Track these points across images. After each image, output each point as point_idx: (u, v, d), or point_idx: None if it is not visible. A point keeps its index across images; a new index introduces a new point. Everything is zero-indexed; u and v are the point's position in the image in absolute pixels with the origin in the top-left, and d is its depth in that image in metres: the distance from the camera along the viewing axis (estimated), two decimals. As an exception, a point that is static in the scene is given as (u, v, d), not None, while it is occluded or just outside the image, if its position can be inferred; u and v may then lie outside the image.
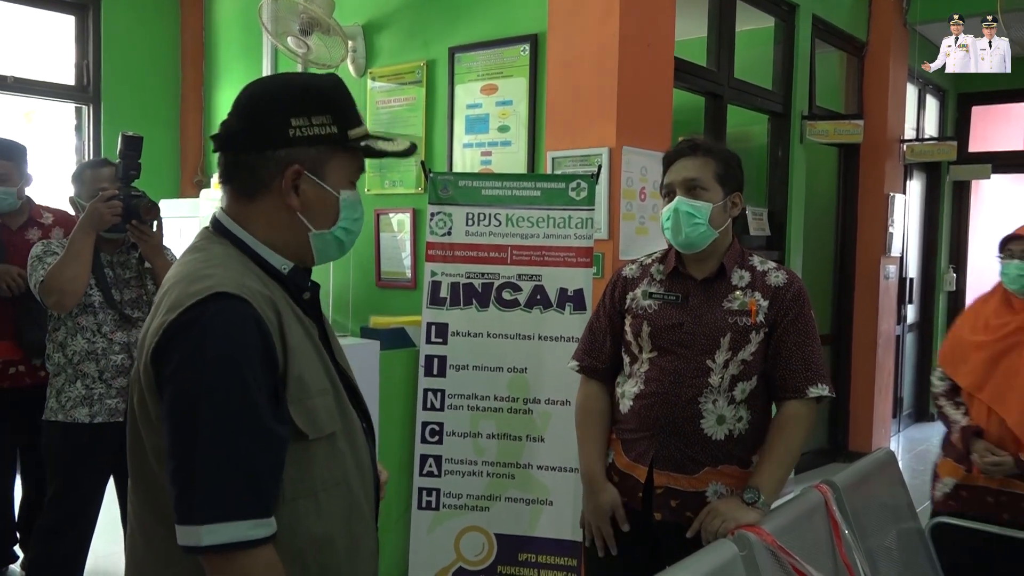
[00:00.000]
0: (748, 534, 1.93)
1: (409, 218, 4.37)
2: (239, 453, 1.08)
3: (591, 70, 3.40)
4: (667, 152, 2.09)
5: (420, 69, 4.41)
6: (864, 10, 5.65)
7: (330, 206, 1.25)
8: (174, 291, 1.15)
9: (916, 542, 2.73)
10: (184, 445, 1.07)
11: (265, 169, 1.21)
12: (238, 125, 1.22)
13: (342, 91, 1.27)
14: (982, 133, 7.18)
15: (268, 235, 1.24)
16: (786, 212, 4.97)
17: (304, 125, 1.20)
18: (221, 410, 1.07)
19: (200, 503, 1.06)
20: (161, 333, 1.10)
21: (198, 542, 1.06)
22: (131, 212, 2.50)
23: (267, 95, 1.23)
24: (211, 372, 1.08)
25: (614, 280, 2.16)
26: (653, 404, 1.98)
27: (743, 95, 4.61)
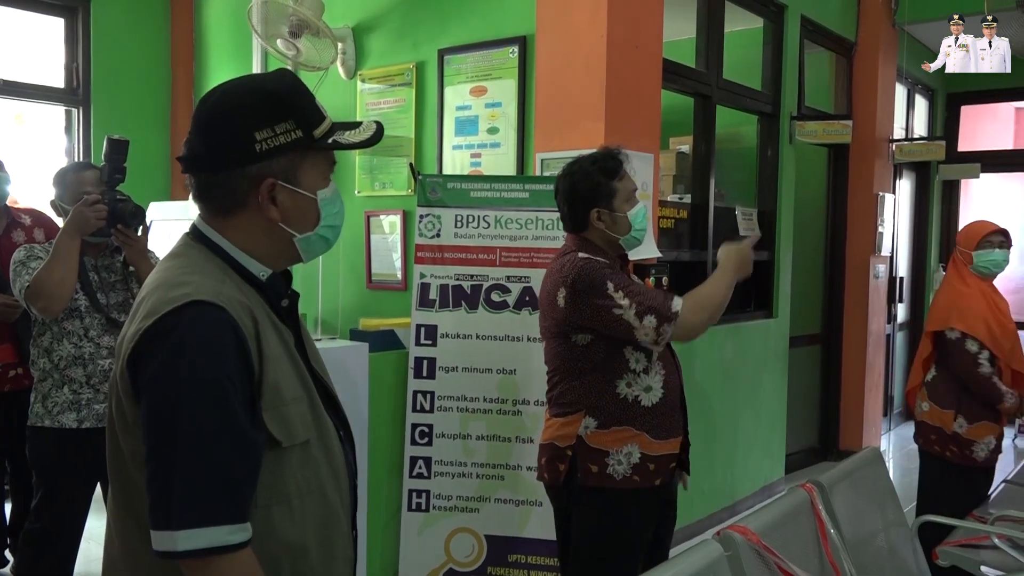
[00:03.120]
0: (733, 534, 1.94)
1: (399, 220, 4.38)
2: (215, 459, 1.08)
3: (580, 71, 3.41)
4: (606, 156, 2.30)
5: (410, 71, 4.41)
6: (853, 10, 5.68)
7: (310, 209, 1.24)
8: (152, 297, 1.15)
9: (903, 541, 2.75)
10: (161, 451, 1.08)
11: (239, 187, 1.19)
12: (202, 146, 1.19)
13: (299, 88, 1.24)
14: (971, 132, 7.22)
15: (247, 244, 1.23)
16: (775, 212, 4.98)
17: (269, 136, 1.17)
18: (198, 417, 1.07)
19: (176, 509, 1.06)
20: (138, 339, 1.10)
21: (174, 547, 1.06)
22: (116, 216, 2.49)
23: (226, 110, 1.20)
24: (188, 379, 1.08)
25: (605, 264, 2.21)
26: (674, 381, 2.29)
27: (732, 96, 4.62)
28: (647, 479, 2.22)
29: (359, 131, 1.27)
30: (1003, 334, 3.10)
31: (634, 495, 2.22)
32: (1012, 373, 3.13)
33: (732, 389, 4.56)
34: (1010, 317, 3.16)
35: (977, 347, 3.10)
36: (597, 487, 2.20)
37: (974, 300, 3.15)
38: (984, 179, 6.71)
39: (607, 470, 2.20)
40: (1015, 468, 4.19)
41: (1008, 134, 7.80)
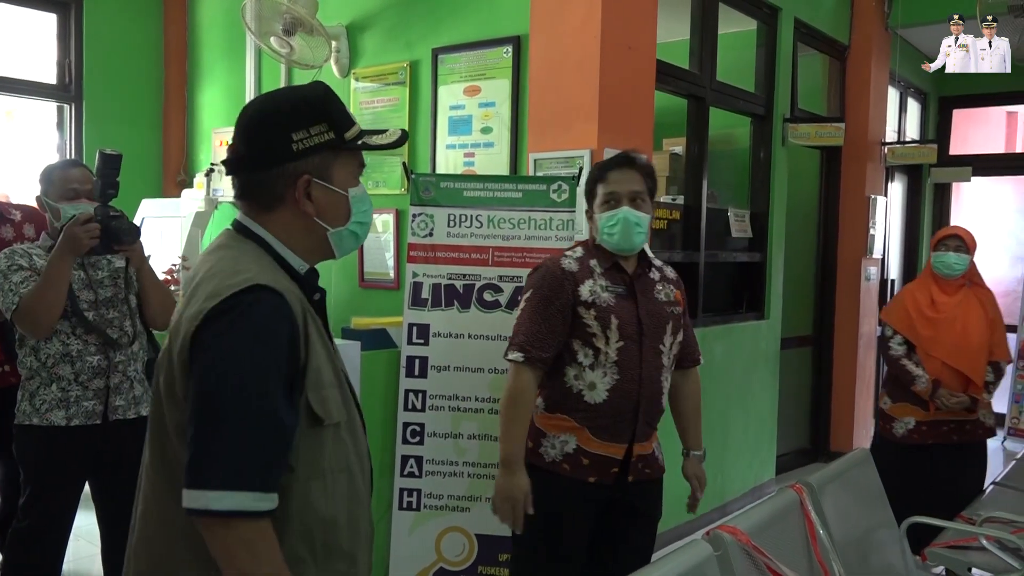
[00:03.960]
0: (723, 534, 1.95)
1: (392, 219, 4.38)
2: (254, 431, 1.18)
3: (573, 72, 3.41)
4: (601, 163, 2.34)
5: (403, 70, 4.41)
6: (846, 13, 5.70)
7: (341, 205, 1.37)
8: (210, 282, 1.25)
9: (891, 541, 2.76)
10: (205, 416, 1.17)
11: (278, 184, 1.32)
12: (245, 148, 1.33)
13: (331, 97, 1.36)
14: (962, 136, 7.25)
15: (287, 238, 1.35)
16: (768, 214, 5.00)
17: (305, 137, 1.30)
18: (245, 391, 1.18)
19: (213, 471, 1.15)
20: (202, 318, 1.20)
21: (206, 505, 1.15)
22: (111, 235, 2.43)
23: (266, 115, 1.33)
24: (241, 355, 1.19)
25: (557, 274, 2.25)
26: (630, 389, 2.21)
27: (725, 98, 4.63)
28: (579, 472, 2.23)
29: (386, 136, 1.41)
30: (925, 325, 3.41)
31: (559, 480, 2.24)
32: (946, 366, 3.37)
33: (723, 390, 4.57)
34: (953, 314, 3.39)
35: (891, 332, 3.52)
36: (529, 463, 2.26)
37: (907, 293, 3.58)
38: (975, 182, 6.74)
39: (539, 449, 2.27)
40: (1004, 470, 4.22)
41: (999, 138, 7.83)
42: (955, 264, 3.40)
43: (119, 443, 2.55)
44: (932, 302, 3.45)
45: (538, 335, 2.20)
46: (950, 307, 3.42)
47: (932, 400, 3.36)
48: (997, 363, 3.47)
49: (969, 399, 3.34)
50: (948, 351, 3.37)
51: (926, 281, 3.53)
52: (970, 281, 3.48)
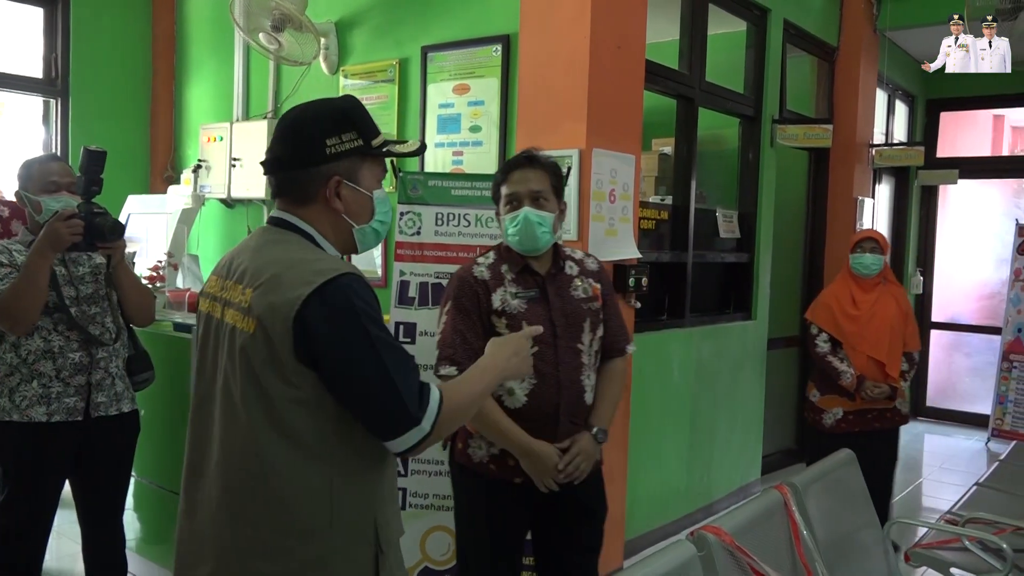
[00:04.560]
0: (707, 534, 1.95)
1: (380, 217, 4.36)
2: (407, 363, 1.41)
3: (562, 71, 3.41)
4: (505, 163, 2.35)
5: (392, 67, 4.40)
6: (835, 15, 5.72)
7: (366, 205, 1.53)
8: (287, 272, 1.40)
9: (874, 541, 2.77)
10: (379, 373, 1.36)
11: (312, 182, 1.48)
12: (283, 150, 1.49)
13: (361, 109, 1.54)
14: (950, 139, 7.29)
15: (323, 232, 1.51)
16: (756, 215, 5.01)
17: (337, 143, 1.47)
18: (389, 344, 1.39)
19: (413, 406, 1.38)
20: (303, 302, 1.35)
21: (423, 435, 1.39)
22: (93, 232, 2.41)
23: (304, 122, 1.49)
24: (359, 323, 1.36)
25: (470, 283, 2.25)
26: (548, 392, 2.21)
27: (714, 98, 4.64)
28: (505, 472, 2.24)
29: (407, 145, 1.63)
30: (848, 323, 3.71)
31: (486, 480, 2.26)
32: (870, 359, 3.68)
33: (709, 390, 4.58)
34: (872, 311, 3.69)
35: (817, 331, 3.79)
36: (459, 463, 2.31)
37: (830, 293, 3.86)
38: (962, 185, 6.78)
39: (467, 449, 2.29)
40: (987, 471, 4.24)
41: (986, 141, 7.88)
42: (872, 264, 3.72)
43: (100, 440, 2.53)
44: (853, 301, 3.74)
45: (463, 345, 2.18)
46: (869, 304, 3.72)
47: (858, 393, 3.66)
48: (910, 353, 3.80)
49: (890, 388, 3.67)
50: (870, 345, 3.68)
51: (845, 281, 3.82)
52: (884, 279, 3.80)
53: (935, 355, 7.41)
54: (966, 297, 7.46)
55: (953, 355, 7.50)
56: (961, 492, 5.03)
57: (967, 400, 7.18)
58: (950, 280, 7.41)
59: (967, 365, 7.42)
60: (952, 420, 7.13)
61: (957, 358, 7.50)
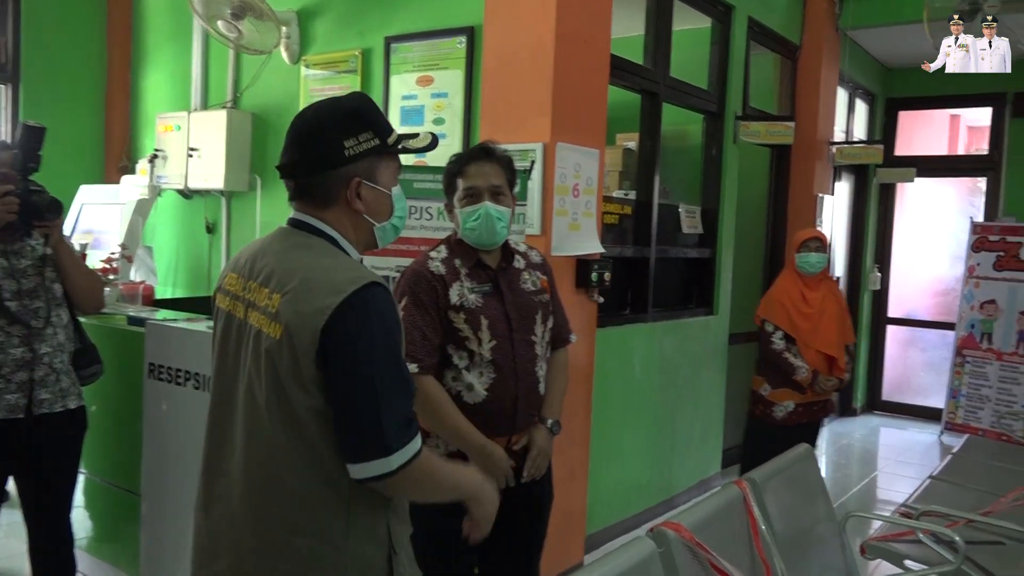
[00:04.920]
0: (666, 531, 1.95)
1: (342, 209, 4.30)
2: (404, 396, 1.42)
3: (527, 64, 3.39)
4: (459, 155, 2.32)
5: (355, 58, 4.34)
6: (798, 14, 5.77)
7: (385, 203, 1.55)
8: (317, 279, 1.41)
9: (831, 535, 2.81)
10: (370, 396, 1.37)
11: (333, 185, 1.49)
12: (301, 155, 1.50)
13: (373, 107, 1.55)
14: (907, 137, 7.41)
15: (345, 233, 1.52)
16: (718, 210, 5.04)
17: (355, 144, 1.48)
18: (393, 365, 1.41)
19: (388, 438, 1.37)
20: (332, 312, 1.36)
21: (388, 468, 1.37)
22: (31, 210, 2.33)
23: (320, 125, 1.50)
24: (382, 339, 1.39)
25: (427, 278, 2.23)
26: (507, 385, 2.23)
27: (679, 94, 4.65)
28: None
29: (419, 139, 1.59)
30: (802, 320, 3.87)
31: None
32: (819, 353, 3.87)
33: (671, 385, 4.60)
34: (821, 308, 3.89)
35: (772, 328, 3.92)
36: None
37: (780, 292, 3.98)
38: (919, 183, 6.90)
39: None
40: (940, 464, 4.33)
41: (943, 140, 8.02)
42: (817, 263, 3.89)
43: (45, 437, 2.46)
44: (803, 298, 3.90)
45: (422, 341, 2.17)
46: (817, 301, 3.91)
47: (811, 387, 3.84)
48: (847, 346, 4.02)
49: (838, 380, 3.90)
50: (822, 341, 3.87)
51: (793, 279, 3.96)
52: (825, 275, 4.01)
53: (891, 350, 7.54)
54: (922, 293, 7.60)
55: (908, 350, 7.65)
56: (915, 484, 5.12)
57: (921, 394, 7.33)
58: (906, 276, 7.55)
59: (922, 360, 7.57)
60: (907, 414, 7.26)
61: (912, 353, 7.65)
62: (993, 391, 6.22)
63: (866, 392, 7.43)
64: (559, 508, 2.57)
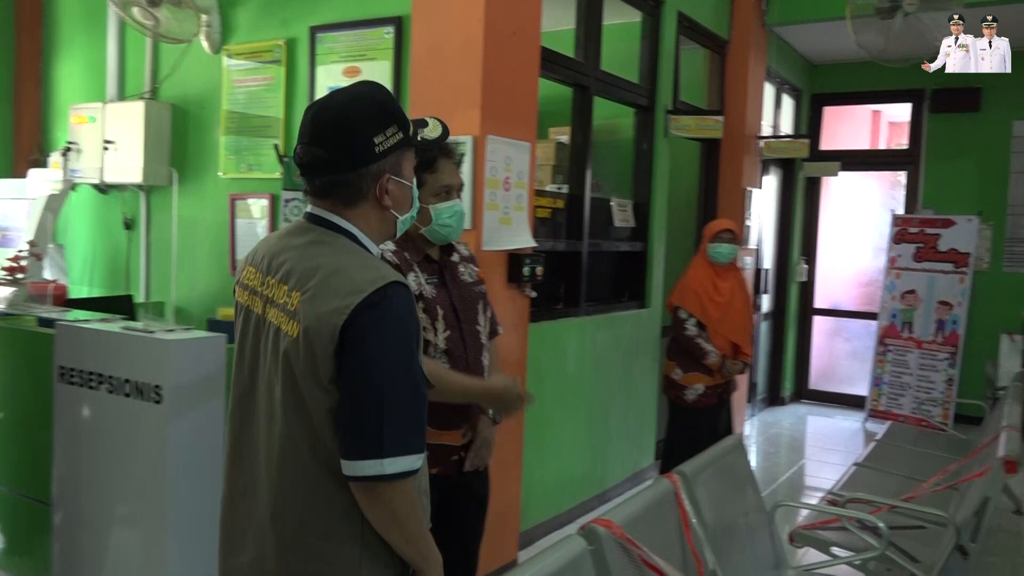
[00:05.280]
0: (597, 528, 1.93)
1: (268, 204, 4.18)
2: (414, 405, 1.40)
3: (456, 56, 3.33)
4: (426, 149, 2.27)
5: (279, 48, 4.21)
6: (726, 10, 5.84)
7: (408, 195, 1.56)
8: (336, 277, 1.40)
9: (761, 524, 2.84)
10: (375, 396, 1.35)
11: (363, 183, 1.47)
12: (330, 153, 1.45)
13: (394, 98, 1.52)
14: (832, 132, 7.60)
15: (366, 228, 1.51)
16: (650, 204, 5.07)
17: (383, 140, 1.46)
18: (404, 371, 1.39)
19: (388, 441, 1.35)
20: (351, 312, 1.35)
21: (380, 472, 1.35)
22: None
23: (350, 121, 1.46)
24: (397, 342, 1.38)
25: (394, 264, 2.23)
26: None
27: (610, 87, 4.66)
28: None
29: (430, 128, 1.61)
30: (714, 308, 4.03)
31: None
32: (726, 339, 4.05)
33: (604, 378, 4.61)
34: (731, 296, 4.06)
35: (686, 315, 4.05)
36: None
37: (694, 280, 4.11)
38: (843, 177, 7.07)
39: None
40: (865, 451, 4.44)
41: (866, 135, 8.26)
42: (728, 253, 4.06)
43: None
44: (715, 287, 4.06)
45: None
46: (728, 291, 4.08)
47: (720, 371, 4.03)
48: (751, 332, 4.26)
49: (743, 364, 4.13)
50: (731, 328, 4.06)
51: (705, 268, 4.11)
52: (734, 265, 4.18)
53: (817, 340, 7.74)
54: (846, 284, 7.82)
55: (834, 340, 7.86)
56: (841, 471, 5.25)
57: (847, 382, 7.54)
58: (831, 268, 7.75)
59: (846, 349, 7.79)
60: (833, 402, 7.46)
61: (837, 343, 7.86)
62: (914, 378, 6.43)
63: (794, 381, 7.60)
64: (492, 505, 2.54)
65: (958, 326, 6.29)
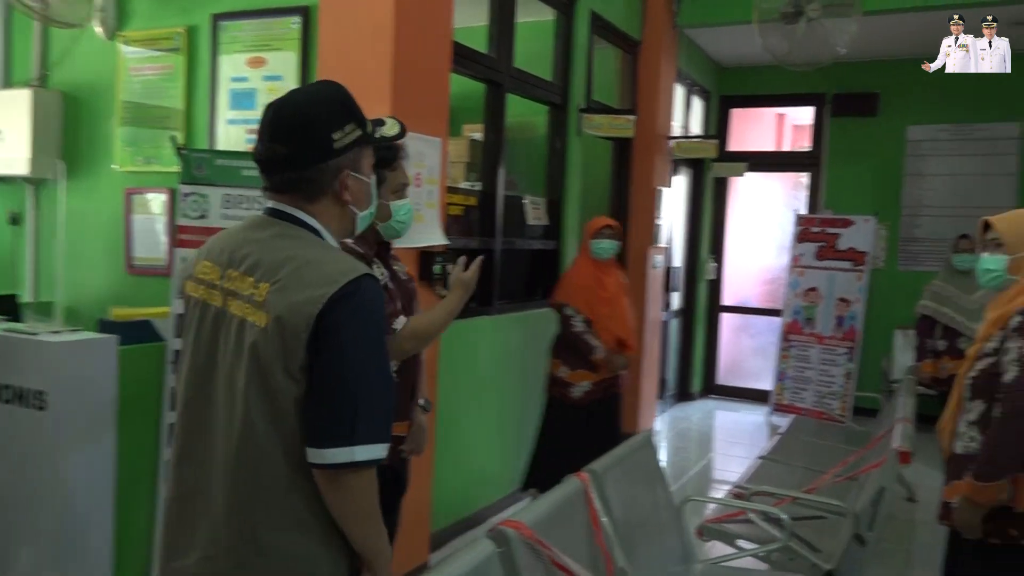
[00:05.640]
0: (507, 530, 1.90)
1: (167, 199, 4.00)
2: (384, 394, 1.44)
3: (366, 48, 3.24)
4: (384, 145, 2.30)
5: (179, 36, 4.03)
6: (638, 10, 5.91)
7: (367, 191, 1.59)
8: (308, 269, 1.42)
9: (670, 519, 2.87)
10: (349, 385, 1.38)
11: (323, 178, 1.50)
12: (290, 148, 1.47)
13: (351, 96, 1.55)
14: (739, 134, 7.81)
15: (327, 223, 1.54)
16: (563, 202, 5.09)
17: (342, 136, 1.48)
18: (376, 361, 1.42)
19: (361, 429, 1.38)
20: (327, 301, 1.38)
21: (351, 459, 1.37)
22: None
23: (308, 118, 1.48)
24: (370, 332, 1.42)
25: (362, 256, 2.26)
26: (410, 368, 2.36)
27: (523, 85, 4.64)
28: None
29: (388, 127, 1.71)
30: (601, 305, 4.03)
31: None
32: (614, 336, 4.05)
33: (517, 377, 4.60)
34: (615, 292, 4.10)
35: (572, 312, 4.03)
36: None
37: (578, 276, 4.11)
38: (749, 177, 7.28)
39: None
40: (769, 445, 4.57)
41: (771, 137, 8.52)
42: (610, 249, 4.07)
43: None
44: (600, 283, 4.07)
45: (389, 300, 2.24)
46: (612, 287, 4.11)
47: (607, 365, 4.01)
48: None
49: (628, 359, 4.14)
50: (617, 324, 4.08)
51: (588, 265, 4.10)
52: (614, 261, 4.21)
53: (725, 336, 7.94)
54: (752, 282, 8.05)
55: (740, 336, 8.08)
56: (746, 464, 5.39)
57: (752, 377, 7.76)
58: (738, 266, 7.96)
59: (752, 345, 8.02)
60: (739, 397, 7.68)
61: (743, 339, 8.09)
62: (815, 372, 6.67)
63: (703, 377, 7.78)
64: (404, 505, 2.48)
65: (856, 322, 6.55)
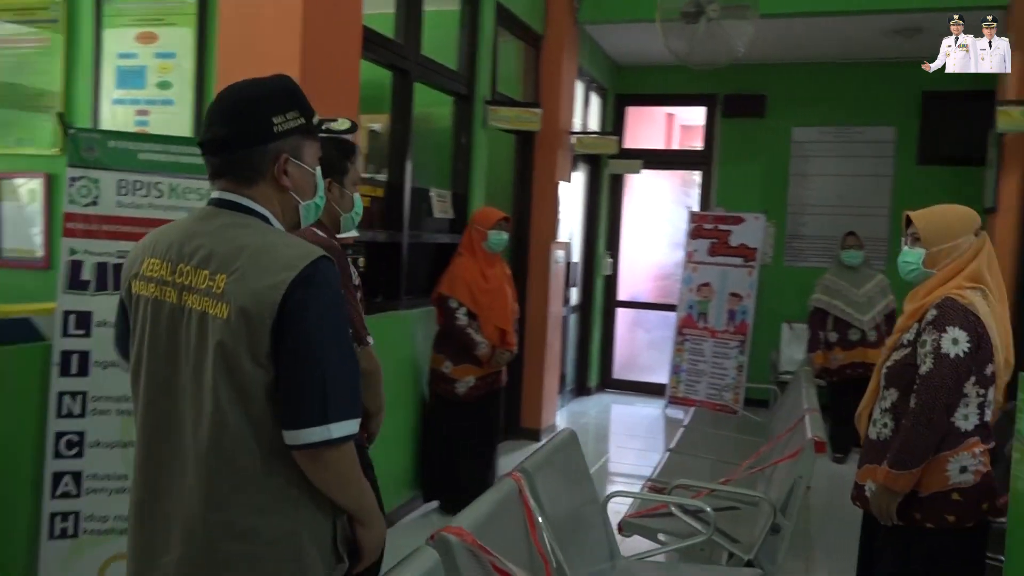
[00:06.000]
0: (449, 536, 1.82)
1: (42, 184, 3.65)
2: (352, 372, 1.46)
3: (271, 28, 3.04)
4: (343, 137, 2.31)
5: (56, 6, 3.68)
6: (541, 4, 5.88)
7: (310, 181, 1.59)
8: (265, 256, 1.42)
9: (594, 515, 2.84)
10: (317, 366, 1.39)
11: (260, 161, 1.50)
12: (229, 130, 1.49)
13: (298, 88, 1.56)
14: (633, 132, 7.93)
15: (274, 211, 1.55)
16: (469, 195, 4.99)
17: (283, 121, 1.50)
18: (340, 340, 1.44)
19: (334, 407, 1.40)
20: (288, 286, 1.39)
21: (328, 436, 1.39)
22: None
23: (249, 101, 1.50)
24: (332, 313, 1.44)
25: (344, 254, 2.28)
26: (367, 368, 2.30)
27: (430, 73, 4.51)
28: None
29: (339, 123, 1.72)
30: (484, 297, 4.06)
31: None
32: (498, 329, 4.09)
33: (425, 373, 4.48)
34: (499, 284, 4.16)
35: (456, 304, 4.03)
36: None
37: (464, 269, 4.11)
38: (643, 175, 7.40)
39: None
40: (676, 438, 4.63)
41: (661, 136, 8.72)
42: (505, 241, 4.19)
43: None
44: (483, 275, 4.11)
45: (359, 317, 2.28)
46: (496, 279, 4.15)
47: (490, 360, 4.05)
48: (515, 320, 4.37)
49: (510, 353, 4.17)
50: (499, 316, 4.10)
51: (474, 258, 4.16)
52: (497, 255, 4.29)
53: (620, 331, 8.06)
54: (646, 277, 8.21)
55: (635, 331, 8.23)
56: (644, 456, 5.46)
57: (647, 371, 7.92)
58: (633, 262, 8.10)
59: (647, 339, 8.19)
60: (635, 390, 7.81)
61: (638, 333, 8.24)
62: (708, 365, 6.85)
63: (599, 372, 7.87)
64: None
65: (747, 316, 6.78)
